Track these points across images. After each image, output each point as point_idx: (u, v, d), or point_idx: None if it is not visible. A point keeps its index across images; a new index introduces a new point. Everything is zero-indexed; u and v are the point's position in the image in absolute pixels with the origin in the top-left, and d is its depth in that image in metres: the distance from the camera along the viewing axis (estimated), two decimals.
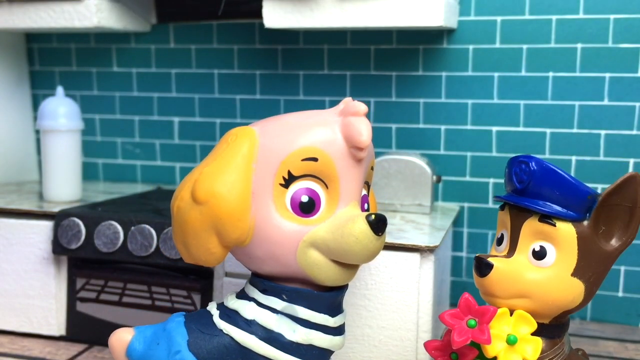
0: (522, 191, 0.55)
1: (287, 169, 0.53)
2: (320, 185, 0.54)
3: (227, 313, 0.56)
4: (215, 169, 0.54)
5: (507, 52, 0.92)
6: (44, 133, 0.88)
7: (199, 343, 0.55)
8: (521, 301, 0.55)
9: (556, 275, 0.54)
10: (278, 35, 1.00)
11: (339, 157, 0.54)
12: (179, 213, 0.54)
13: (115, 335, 0.58)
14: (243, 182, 0.53)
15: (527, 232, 0.55)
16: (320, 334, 0.55)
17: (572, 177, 0.54)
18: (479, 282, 0.56)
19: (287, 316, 0.55)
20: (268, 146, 0.54)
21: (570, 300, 0.55)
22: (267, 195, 0.54)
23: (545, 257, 0.55)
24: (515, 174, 0.56)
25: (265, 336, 0.55)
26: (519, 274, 0.55)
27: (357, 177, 0.55)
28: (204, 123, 1.05)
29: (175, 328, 0.56)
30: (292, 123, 0.55)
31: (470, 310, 0.53)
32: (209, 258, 0.55)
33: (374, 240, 0.52)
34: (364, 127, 0.53)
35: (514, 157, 0.57)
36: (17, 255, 0.83)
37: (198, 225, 0.53)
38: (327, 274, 0.54)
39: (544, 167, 0.54)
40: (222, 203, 0.52)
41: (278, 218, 0.53)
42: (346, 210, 0.54)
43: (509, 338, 0.52)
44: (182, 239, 0.55)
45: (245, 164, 0.54)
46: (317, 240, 0.53)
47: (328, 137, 0.54)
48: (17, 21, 0.93)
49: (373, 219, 0.52)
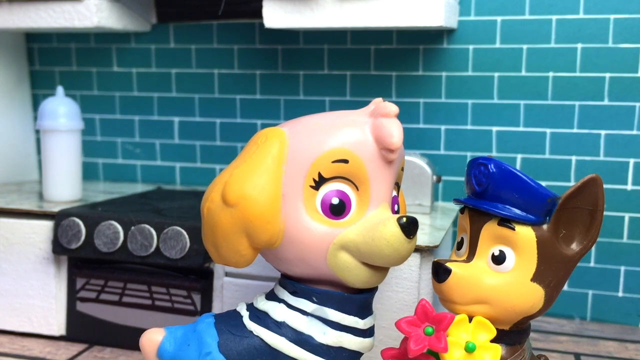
0: (481, 194, 0.54)
1: (318, 171, 0.53)
2: (351, 187, 0.54)
3: (257, 314, 0.56)
4: (245, 171, 0.53)
5: (507, 52, 0.92)
6: (44, 133, 0.88)
7: (229, 344, 0.55)
8: (480, 307, 0.53)
9: (516, 280, 0.53)
10: (278, 35, 1.00)
11: (370, 158, 0.53)
12: (209, 215, 0.54)
13: (146, 336, 0.57)
14: (273, 184, 0.53)
15: (486, 236, 0.54)
16: (351, 336, 0.55)
17: (532, 179, 0.52)
18: (437, 287, 0.55)
19: (318, 318, 0.54)
20: (298, 148, 0.53)
21: (530, 306, 0.53)
22: (298, 197, 0.53)
23: (505, 262, 0.53)
24: (474, 176, 0.54)
25: (296, 338, 0.54)
26: (477, 279, 0.53)
27: (388, 179, 0.54)
28: (204, 123, 1.05)
29: (206, 329, 0.56)
30: (321, 124, 0.55)
31: (428, 317, 0.52)
32: (239, 260, 0.54)
33: (405, 243, 0.52)
34: (396, 128, 0.52)
35: (473, 158, 0.55)
36: (17, 255, 0.83)
37: (228, 228, 0.53)
38: (357, 276, 0.53)
39: (503, 169, 0.53)
40: (252, 205, 0.52)
41: (308, 220, 0.53)
42: (377, 212, 0.54)
43: (467, 345, 0.51)
44: (212, 241, 0.55)
45: (275, 165, 0.53)
46: (347, 242, 0.53)
47: (358, 138, 0.53)
48: (17, 21, 0.93)
49: (404, 221, 0.51)
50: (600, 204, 0.53)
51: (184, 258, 0.76)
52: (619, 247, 0.92)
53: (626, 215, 0.91)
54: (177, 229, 0.76)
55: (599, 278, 0.93)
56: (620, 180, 0.91)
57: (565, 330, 0.90)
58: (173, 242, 0.76)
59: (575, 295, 0.94)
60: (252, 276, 0.76)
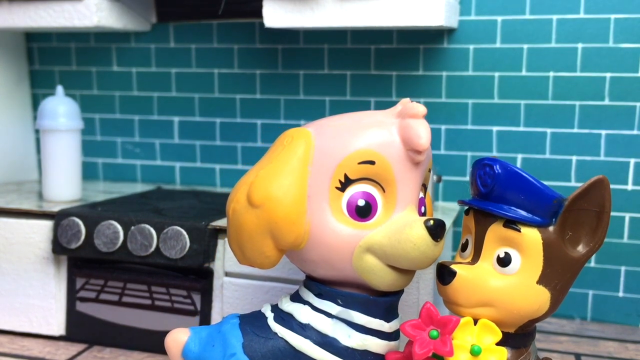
0: (487, 195, 0.53)
1: (344, 172, 0.52)
2: (377, 188, 0.53)
3: (281, 316, 0.56)
4: (271, 172, 0.53)
5: (507, 51, 0.92)
6: (44, 133, 0.88)
7: (254, 346, 0.54)
8: (485, 310, 0.52)
9: (521, 282, 0.52)
10: (278, 35, 1.00)
11: (397, 160, 0.53)
12: (234, 216, 0.54)
13: (172, 336, 0.57)
14: (299, 185, 0.52)
15: (491, 237, 0.53)
16: (376, 339, 0.54)
17: (538, 180, 0.52)
18: (442, 290, 0.54)
19: (343, 321, 0.54)
20: (324, 148, 0.53)
21: (536, 309, 0.53)
22: (323, 198, 0.53)
23: (510, 264, 0.52)
24: (480, 177, 0.54)
25: (320, 341, 0.54)
26: (482, 282, 0.52)
27: (415, 181, 0.54)
28: (204, 123, 1.05)
29: (230, 330, 0.56)
30: (348, 125, 0.54)
31: (432, 320, 0.51)
32: (264, 261, 0.54)
33: (432, 246, 0.51)
34: (423, 129, 0.52)
35: (478, 159, 0.55)
36: (17, 255, 0.83)
37: (253, 229, 0.53)
38: (383, 279, 0.53)
39: (509, 170, 0.52)
40: (277, 206, 0.52)
41: (334, 222, 0.52)
42: (403, 214, 0.53)
43: (472, 349, 0.51)
44: (237, 242, 0.55)
45: (300, 166, 0.53)
46: (373, 245, 0.52)
47: (385, 139, 0.53)
48: (17, 20, 0.93)
49: (432, 224, 0.51)
50: (607, 206, 0.52)
51: (184, 258, 0.76)
52: (619, 248, 0.92)
53: (627, 216, 0.91)
54: (177, 229, 0.76)
55: (599, 278, 0.93)
56: (620, 180, 0.90)
57: (566, 330, 0.90)
58: (173, 242, 0.76)
59: (576, 296, 0.94)
60: (252, 276, 0.76)
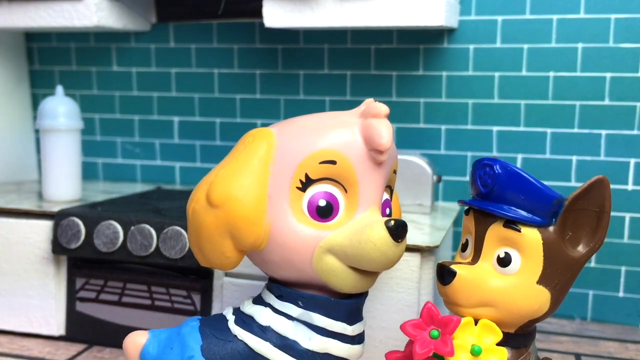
0: (487, 195, 0.53)
1: (305, 172, 0.52)
2: (339, 189, 0.52)
3: (242, 319, 0.55)
4: (231, 172, 0.52)
5: (507, 51, 0.92)
6: (44, 132, 0.88)
7: (213, 349, 0.54)
8: (486, 310, 0.52)
9: (521, 282, 0.52)
10: (278, 35, 1.00)
11: (359, 160, 0.52)
12: (194, 216, 0.54)
13: (130, 338, 0.57)
14: (259, 185, 0.52)
15: (491, 237, 0.53)
16: (338, 342, 0.54)
17: (538, 180, 0.52)
18: (442, 290, 0.54)
19: (303, 323, 0.53)
20: (286, 148, 0.53)
21: (536, 309, 0.52)
22: (284, 198, 0.52)
23: (510, 264, 0.52)
24: (480, 177, 0.54)
25: (280, 343, 0.53)
26: (483, 282, 0.52)
27: (378, 181, 0.53)
28: (204, 123, 1.05)
29: (190, 333, 0.55)
30: (310, 125, 0.54)
31: (433, 320, 0.51)
32: (225, 262, 0.54)
33: (392, 247, 0.50)
34: (385, 129, 0.51)
35: (478, 159, 0.55)
36: (17, 255, 0.83)
37: (213, 229, 0.52)
38: (344, 280, 0.52)
39: (509, 170, 0.52)
40: (237, 206, 0.51)
41: (294, 222, 0.52)
42: (365, 215, 0.53)
43: (473, 349, 0.51)
44: (197, 243, 0.54)
45: (261, 166, 0.52)
46: (334, 246, 0.52)
47: (347, 139, 0.52)
48: (16, 20, 0.93)
49: (392, 224, 0.50)
50: (607, 206, 0.52)
51: (184, 258, 0.76)
52: (619, 248, 0.92)
53: (627, 216, 0.91)
54: (177, 229, 0.76)
55: (599, 278, 0.93)
56: (621, 180, 0.90)
57: (566, 330, 0.90)
58: (173, 242, 0.76)
59: (576, 296, 0.93)
60: (252, 276, 0.76)
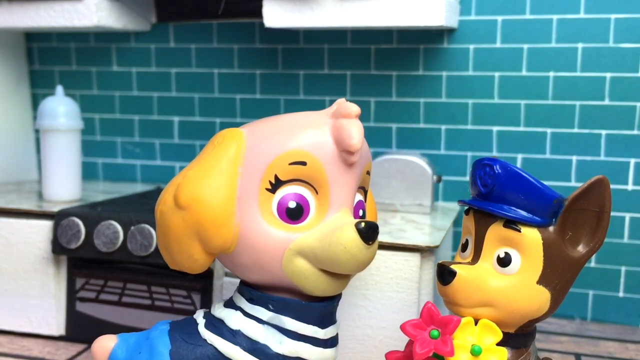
0: (487, 195, 0.53)
1: (274, 173, 0.51)
2: (310, 190, 0.51)
3: (213, 322, 0.54)
4: (199, 173, 0.51)
5: (507, 51, 0.92)
6: (44, 132, 0.88)
7: (182, 353, 0.53)
8: (486, 310, 0.52)
9: (521, 282, 0.52)
10: (278, 35, 1.00)
11: (329, 161, 0.51)
12: (162, 218, 0.52)
13: (98, 343, 0.56)
14: (228, 187, 0.51)
15: (491, 237, 0.53)
16: (309, 346, 0.53)
17: (538, 180, 0.51)
18: (442, 290, 0.54)
19: (274, 327, 0.52)
20: (255, 149, 0.51)
21: (536, 309, 0.52)
22: (253, 200, 0.51)
23: (510, 264, 0.52)
24: (480, 177, 0.54)
25: (250, 347, 0.52)
26: (483, 282, 0.52)
27: (349, 182, 0.52)
28: (204, 123, 1.05)
29: (159, 337, 0.54)
30: (281, 125, 0.53)
31: (433, 320, 0.51)
32: (193, 265, 0.53)
33: (363, 250, 0.49)
34: (356, 129, 0.50)
35: (478, 159, 0.55)
36: (17, 255, 0.83)
37: (180, 231, 0.51)
38: (315, 283, 0.51)
39: (509, 170, 0.52)
40: (204, 208, 0.50)
41: (264, 224, 0.51)
42: (336, 217, 0.51)
43: (473, 349, 0.51)
44: (165, 245, 0.53)
45: (230, 167, 0.51)
46: (304, 248, 0.50)
47: (318, 140, 0.51)
48: (16, 20, 0.93)
49: (363, 226, 0.49)
50: (607, 206, 0.52)
51: None
52: (619, 248, 0.92)
53: (627, 216, 0.91)
54: None
55: (599, 278, 0.93)
56: (621, 180, 0.90)
57: (566, 330, 0.90)
58: None
59: (576, 296, 0.93)
60: None
